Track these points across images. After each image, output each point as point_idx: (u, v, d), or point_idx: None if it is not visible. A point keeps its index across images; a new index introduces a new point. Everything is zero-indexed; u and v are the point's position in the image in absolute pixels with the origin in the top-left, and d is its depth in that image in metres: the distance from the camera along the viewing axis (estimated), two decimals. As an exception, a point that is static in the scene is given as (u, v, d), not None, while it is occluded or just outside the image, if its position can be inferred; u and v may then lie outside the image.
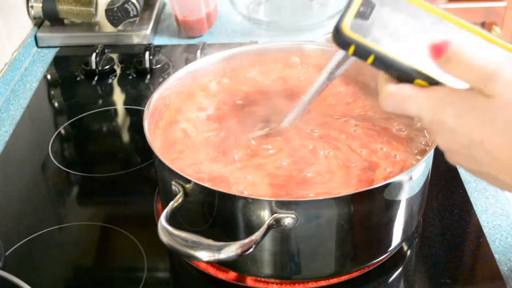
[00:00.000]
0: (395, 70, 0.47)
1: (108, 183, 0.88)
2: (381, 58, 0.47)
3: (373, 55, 0.47)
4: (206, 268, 0.72)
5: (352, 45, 0.47)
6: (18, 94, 1.10)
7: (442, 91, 0.46)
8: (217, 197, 0.63)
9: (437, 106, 0.46)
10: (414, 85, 0.47)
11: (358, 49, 0.47)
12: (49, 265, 0.75)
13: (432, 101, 0.46)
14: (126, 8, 1.18)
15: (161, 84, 0.77)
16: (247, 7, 1.32)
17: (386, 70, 0.48)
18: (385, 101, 0.49)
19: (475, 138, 0.45)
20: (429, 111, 0.46)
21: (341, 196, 0.62)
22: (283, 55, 0.86)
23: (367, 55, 0.47)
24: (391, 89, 0.48)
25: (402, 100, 0.48)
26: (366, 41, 0.47)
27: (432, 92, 0.47)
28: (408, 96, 0.47)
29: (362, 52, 0.47)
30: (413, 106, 0.47)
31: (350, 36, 0.47)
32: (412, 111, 0.47)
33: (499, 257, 0.73)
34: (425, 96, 0.47)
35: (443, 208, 0.81)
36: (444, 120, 0.46)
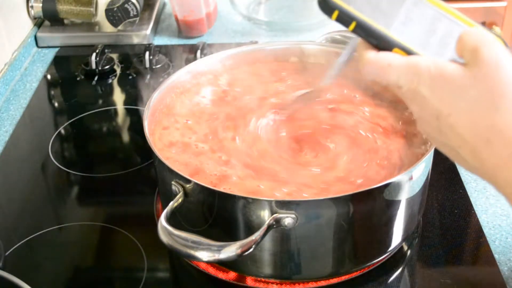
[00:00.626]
0: (375, 38, 0.49)
1: (108, 183, 0.88)
2: (363, 25, 0.49)
3: (355, 21, 0.49)
4: (206, 268, 0.72)
5: (336, 11, 0.49)
6: (18, 94, 1.10)
7: (421, 62, 0.47)
8: (217, 197, 0.63)
9: (414, 76, 0.47)
10: (392, 53, 0.49)
11: (341, 14, 0.49)
12: (49, 265, 0.75)
13: (409, 70, 0.47)
14: (126, 8, 1.18)
15: (161, 84, 0.77)
16: (247, 7, 1.32)
17: (367, 38, 0.50)
18: (365, 68, 0.50)
19: (444, 110, 0.46)
20: (406, 80, 0.48)
21: (341, 196, 0.62)
22: (283, 55, 0.86)
23: (349, 21, 0.49)
24: (371, 56, 0.49)
25: (381, 68, 0.49)
26: (350, 7, 0.49)
27: (410, 61, 0.48)
28: (387, 64, 0.48)
29: (344, 18, 0.49)
30: (392, 74, 0.48)
31: (334, 1, 0.49)
32: (391, 79, 0.49)
33: (499, 257, 0.73)
34: (403, 65, 0.48)
35: (443, 208, 0.81)
36: (419, 90, 0.47)
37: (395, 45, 0.49)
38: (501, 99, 0.44)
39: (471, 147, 0.46)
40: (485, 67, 0.44)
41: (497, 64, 0.44)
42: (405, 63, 0.48)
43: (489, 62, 0.44)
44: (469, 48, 0.45)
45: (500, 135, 0.44)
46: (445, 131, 0.47)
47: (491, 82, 0.44)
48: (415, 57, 0.48)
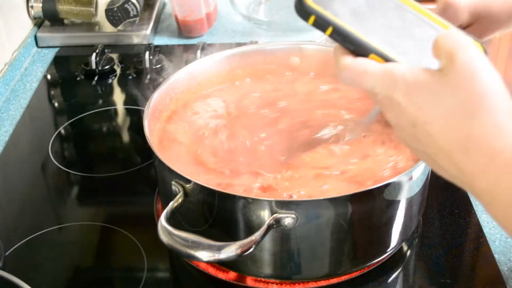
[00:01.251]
0: (351, 44, 0.49)
1: (108, 183, 0.88)
2: (339, 30, 0.48)
3: (331, 26, 0.48)
4: (206, 268, 0.72)
5: (312, 16, 0.49)
6: (18, 94, 1.10)
7: (396, 69, 0.47)
8: (217, 197, 0.63)
9: (390, 83, 0.47)
10: (369, 59, 0.48)
11: (318, 19, 0.49)
12: (49, 265, 0.75)
13: (385, 77, 0.47)
14: (126, 8, 1.18)
15: (161, 84, 0.77)
16: (247, 7, 1.32)
17: (343, 43, 0.49)
18: (341, 74, 0.49)
19: (420, 118, 0.46)
20: (381, 87, 0.47)
21: (341, 196, 0.62)
22: (283, 55, 0.86)
23: (326, 26, 0.49)
24: (347, 62, 0.48)
25: (357, 74, 0.48)
26: (326, 12, 0.49)
27: (386, 68, 0.47)
28: (363, 70, 0.48)
29: (321, 23, 0.49)
30: (368, 81, 0.48)
31: (311, 6, 0.49)
32: (367, 86, 0.48)
33: (499, 257, 0.73)
34: (379, 72, 0.47)
35: (443, 208, 0.81)
36: (394, 97, 0.47)
37: (371, 51, 0.48)
38: (477, 107, 0.43)
39: (448, 155, 0.45)
40: (460, 74, 0.44)
41: (472, 71, 0.43)
42: (381, 70, 0.47)
43: (464, 68, 0.44)
44: (445, 52, 0.45)
45: (477, 144, 0.44)
46: (422, 138, 0.47)
47: (466, 90, 0.44)
48: (390, 64, 0.47)
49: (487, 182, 0.44)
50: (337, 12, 0.49)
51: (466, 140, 0.44)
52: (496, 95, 0.43)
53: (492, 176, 0.43)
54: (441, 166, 0.47)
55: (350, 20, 0.49)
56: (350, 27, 0.48)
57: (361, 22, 0.49)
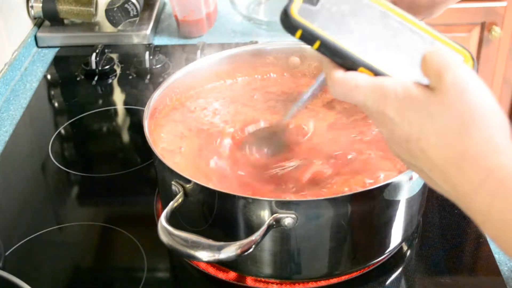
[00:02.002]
0: (339, 58, 0.48)
1: (108, 183, 0.88)
2: (327, 44, 0.48)
3: (319, 40, 0.48)
4: (206, 268, 0.72)
5: (299, 30, 0.48)
6: (18, 94, 1.10)
7: (387, 83, 0.46)
8: (217, 197, 0.63)
9: (381, 98, 0.46)
10: (360, 73, 0.48)
11: (305, 33, 0.48)
12: (49, 265, 0.75)
13: (376, 92, 0.46)
14: (126, 8, 1.18)
15: (161, 84, 0.77)
16: (247, 7, 1.32)
17: (331, 57, 0.48)
18: (332, 89, 0.49)
19: (413, 134, 0.45)
20: (373, 102, 0.47)
21: (341, 196, 0.62)
22: (283, 55, 0.86)
23: (313, 40, 0.48)
24: (338, 76, 0.48)
25: (349, 89, 0.47)
26: (313, 26, 0.48)
27: (377, 83, 0.46)
28: (354, 85, 0.47)
29: (308, 36, 0.48)
30: (359, 95, 0.47)
31: (297, 20, 0.48)
32: (358, 100, 0.48)
33: (499, 257, 0.73)
34: (370, 86, 0.47)
35: (443, 208, 0.81)
36: (386, 113, 0.46)
37: (360, 65, 0.47)
38: (469, 124, 0.43)
39: (442, 171, 0.45)
40: (451, 94, 0.43)
41: (462, 90, 0.43)
42: (371, 84, 0.47)
43: (454, 88, 0.43)
44: (433, 72, 0.44)
45: (470, 161, 0.43)
46: (415, 154, 0.46)
47: (458, 109, 0.43)
48: (381, 78, 0.47)
49: (481, 200, 0.43)
50: (324, 25, 0.48)
51: (460, 158, 0.44)
52: (487, 111, 0.43)
53: (486, 195, 0.43)
54: (435, 182, 0.47)
55: (338, 33, 0.48)
56: (338, 40, 0.48)
57: (348, 34, 0.48)
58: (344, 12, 0.48)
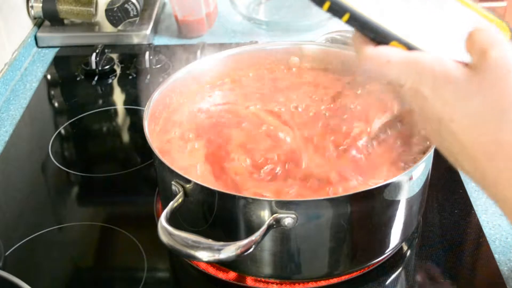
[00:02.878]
0: (370, 31, 0.46)
1: (108, 183, 0.88)
2: (357, 17, 0.45)
3: (348, 13, 0.45)
4: (206, 268, 0.72)
5: (327, 1, 0.45)
6: (18, 94, 1.10)
7: (423, 59, 0.44)
8: (217, 197, 0.63)
9: (416, 74, 0.44)
10: (392, 47, 0.46)
11: (334, 5, 0.45)
12: (49, 265, 0.75)
13: (411, 68, 0.44)
14: (126, 8, 1.18)
15: (161, 84, 0.77)
16: (247, 7, 1.32)
17: (361, 30, 0.46)
18: (363, 64, 0.47)
19: (446, 115, 0.44)
20: (407, 78, 0.45)
21: (341, 196, 0.62)
22: (283, 55, 0.86)
23: (342, 12, 0.45)
24: (369, 51, 0.46)
25: (381, 65, 0.46)
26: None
27: (412, 57, 0.45)
28: (386, 61, 0.45)
29: (337, 9, 0.45)
30: (392, 71, 0.45)
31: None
32: (391, 77, 0.46)
33: (499, 257, 0.73)
34: (404, 62, 0.45)
35: (443, 208, 0.81)
36: (420, 90, 0.44)
37: (392, 38, 0.45)
38: (506, 111, 0.41)
39: (472, 157, 0.43)
40: (493, 74, 0.41)
41: (506, 72, 0.41)
42: (406, 60, 0.45)
43: (498, 69, 0.41)
44: (477, 49, 0.42)
45: (504, 150, 0.41)
46: (445, 136, 0.45)
47: (497, 92, 0.41)
48: (416, 53, 0.44)
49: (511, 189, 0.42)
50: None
51: (493, 145, 0.42)
52: None
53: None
54: (462, 165, 0.45)
55: (369, 5, 0.45)
56: (369, 12, 0.45)
57: (380, 7, 0.45)
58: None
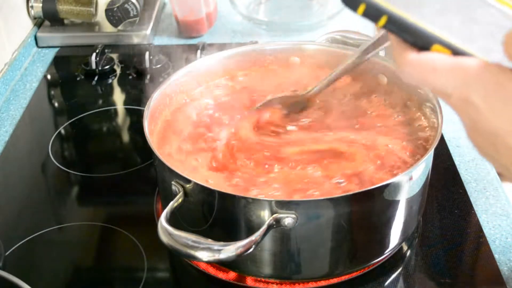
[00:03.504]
0: (410, 34, 0.42)
1: (108, 183, 0.88)
2: (395, 19, 0.42)
3: (385, 15, 0.42)
4: (206, 268, 0.72)
5: (362, 4, 0.42)
6: (18, 94, 1.10)
7: (472, 65, 0.40)
8: (217, 197, 0.63)
9: (465, 83, 0.40)
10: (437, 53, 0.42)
11: (369, 8, 0.42)
12: (49, 265, 0.75)
13: (458, 76, 0.41)
14: (126, 8, 1.18)
15: (161, 84, 0.77)
16: (247, 7, 1.32)
17: (400, 34, 0.43)
18: (405, 72, 0.43)
19: (502, 127, 0.40)
20: (455, 87, 0.41)
21: (341, 196, 0.62)
22: (283, 55, 0.86)
23: (379, 15, 0.42)
24: (412, 58, 0.42)
25: (425, 73, 0.42)
26: None
27: (459, 64, 0.41)
28: (431, 68, 0.42)
29: (373, 12, 0.42)
30: (438, 80, 0.42)
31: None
32: (436, 86, 0.42)
33: (499, 257, 0.73)
34: (451, 69, 0.41)
35: (443, 208, 0.81)
36: (471, 100, 0.40)
37: (435, 41, 0.41)
38: None
39: None
40: None
41: None
42: (453, 67, 0.41)
43: None
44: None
45: None
46: (501, 150, 0.41)
47: None
48: (463, 59, 0.41)
49: None
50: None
51: None
52: None
53: None
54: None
55: (407, 6, 0.42)
56: (408, 14, 0.42)
57: (418, 7, 0.42)
58: None
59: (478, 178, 0.86)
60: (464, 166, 0.88)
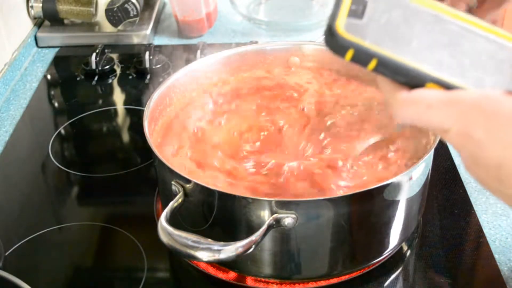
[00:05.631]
0: (402, 75, 0.41)
1: (108, 183, 0.88)
2: (386, 61, 0.41)
3: (375, 59, 0.41)
4: (206, 268, 0.72)
5: (350, 49, 0.41)
6: (18, 94, 1.10)
7: (468, 97, 0.39)
8: (217, 197, 0.63)
9: (462, 115, 0.39)
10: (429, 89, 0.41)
11: (358, 53, 0.41)
12: (49, 265, 0.75)
13: (456, 110, 0.39)
14: (126, 8, 1.18)
15: (161, 84, 0.77)
16: (247, 7, 1.32)
17: (392, 76, 0.42)
18: (399, 112, 0.42)
19: (507, 158, 0.38)
20: (453, 122, 0.39)
21: (341, 196, 0.62)
22: (283, 55, 0.86)
23: (368, 59, 0.41)
24: (405, 97, 0.41)
25: (420, 111, 0.40)
26: (366, 43, 0.40)
27: (454, 98, 0.39)
28: (426, 105, 0.40)
29: (362, 56, 0.41)
30: (434, 116, 0.40)
31: (346, 38, 0.41)
32: (433, 122, 0.41)
33: (499, 257, 0.73)
34: (446, 104, 0.39)
35: (443, 208, 0.81)
36: (471, 134, 0.39)
37: (428, 80, 0.40)
38: None
39: None
40: None
41: None
42: (448, 100, 0.39)
43: None
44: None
45: None
46: (505, 180, 0.39)
47: None
48: (458, 92, 0.39)
49: None
50: (377, 40, 0.40)
51: None
52: None
53: None
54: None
55: (395, 47, 0.41)
56: (397, 55, 0.40)
57: (406, 47, 0.41)
58: (395, 22, 0.41)
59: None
60: (464, 166, 0.88)
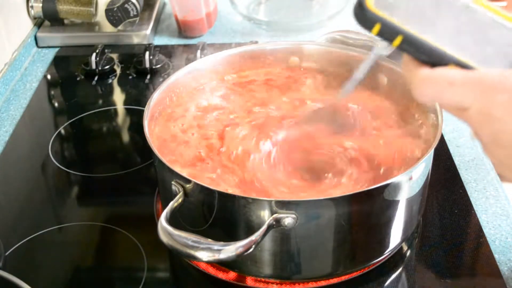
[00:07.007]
0: (425, 54, 0.42)
1: (108, 183, 0.88)
2: (411, 39, 0.42)
3: (401, 35, 0.42)
4: (206, 268, 0.72)
5: (378, 24, 0.42)
6: (18, 94, 1.10)
7: (491, 76, 0.40)
8: (217, 197, 0.63)
9: (484, 94, 0.39)
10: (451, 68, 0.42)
11: (384, 28, 0.42)
12: (49, 265, 0.75)
13: (477, 88, 0.40)
14: (126, 8, 1.18)
15: (161, 84, 0.77)
16: (247, 7, 1.32)
17: (415, 54, 0.43)
18: (419, 89, 0.42)
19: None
20: (474, 100, 0.40)
21: (341, 196, 0.62)
22: (283, 55, 0.86)
23: (394, 35, 0.42)
24: (426, 74, 0.42)
25: (441, 88, 0.41)
26: (393, 19, 0.42)
27: (477, 77, 0.40)
28: (447, 83, 0.41)
29: (388, 32, 0.42)
30: (455, 94, 0.41)
31: (375, 12, 0.42)
32: (454, 101, 0.41)
33: (499, 257, 0.73)
34: (468, 82, 0.40)
35: (443, 208, 0.81)
36: (491, 112, 0.39)
37: (450, 61, 0.42)
38: None
39: None
40: None
41: None
42: (471, 79, 0.40)
43: None
44: None
45: None
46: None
47: None
48: (480, 72, 0.40)
49: None
50: (404, 18, 0.42)
51: None
52: None
53: None
54: None
55: (421, 26, 0.42)
56: (423, 34, 0.42)
57: (432, 28, 0.42)
58: (424, 4, 0.43)
59: (478, 178, 0.86)
60: (464, 166, 0.88)
